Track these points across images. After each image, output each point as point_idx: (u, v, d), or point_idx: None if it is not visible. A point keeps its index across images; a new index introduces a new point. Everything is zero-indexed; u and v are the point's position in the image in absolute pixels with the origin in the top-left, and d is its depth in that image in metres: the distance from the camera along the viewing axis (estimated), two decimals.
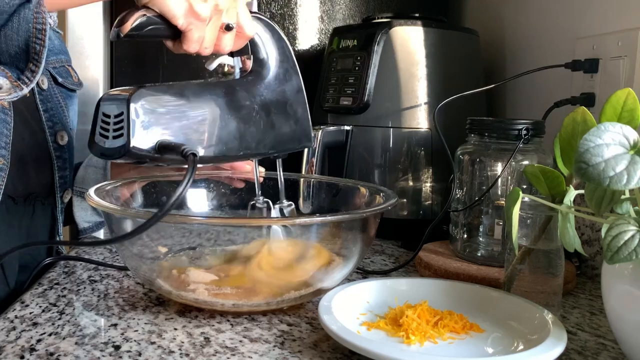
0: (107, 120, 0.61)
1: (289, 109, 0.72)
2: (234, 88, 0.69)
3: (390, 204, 0.69)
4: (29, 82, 0.63)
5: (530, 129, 0.78)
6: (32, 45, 0.62)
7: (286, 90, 0.72)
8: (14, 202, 0.77)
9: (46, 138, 0.82)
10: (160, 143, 0.61)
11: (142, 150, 0.60)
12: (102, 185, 0.73)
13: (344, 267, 0.69)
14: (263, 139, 0.70)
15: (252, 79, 0.70)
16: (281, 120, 0.71)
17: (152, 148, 0.61)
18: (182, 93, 0.64)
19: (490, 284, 0.73)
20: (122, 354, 0.55)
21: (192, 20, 0.62)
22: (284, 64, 0.72)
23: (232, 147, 0.67)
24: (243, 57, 0.71)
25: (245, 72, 0.71)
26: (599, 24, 0.90)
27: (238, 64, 0.71)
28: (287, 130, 0.72)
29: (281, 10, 1.22)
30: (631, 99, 0.55)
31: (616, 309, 0.52)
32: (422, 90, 1.01)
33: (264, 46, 0.71)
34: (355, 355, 0.56)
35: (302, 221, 0.66)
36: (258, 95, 0.70)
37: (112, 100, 0.61)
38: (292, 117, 0.72)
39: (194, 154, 0.58)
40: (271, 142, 0.71)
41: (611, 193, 0.51)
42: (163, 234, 0.71)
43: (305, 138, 0.74)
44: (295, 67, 0.73)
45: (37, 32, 0.61)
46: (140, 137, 0.60)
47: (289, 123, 0.72)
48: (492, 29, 1.21)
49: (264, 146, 0.70)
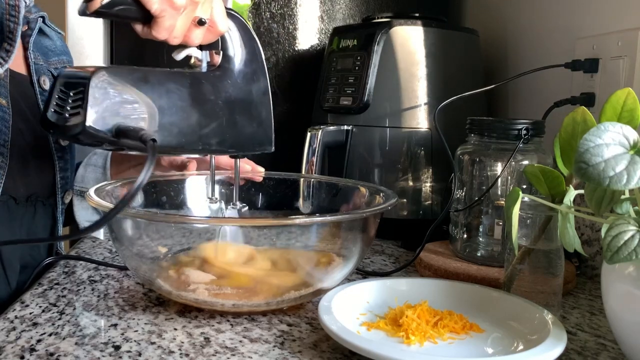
0: (64, 97, 0.59)
1: (253, 109, 0.71)
2: (200, 81, 0.67)
3: (390, 204, 0.69)
4: (3, 62, 0.62)
5: (530, 129, 0.78)
6: (6, 23, 0.60)
7: (252, 90, 0.71)
8: (15, 202, 0.77)
9: (48, 139, 0.83)
10: (118, 126, 0.59)
11: (98, 132, 0.58)
12: (102, 185, 0.73)
13: (344, 267, 0.69)
14: (223, 137, 0.68)
15: (218, 74, 0.69)
16: (244, 120, 0.70)
17: (109, 130, 0.59)
18: (146, 78, 0.63)
19: (490, 284, 0.73)
20: (122, 354, 0.55)
21: (166, 7, 0.60)
22: (252, 64, 0.71)
23: (191, 140, 0.66)
24: (212, 52, 0.69)
25: (212, 66, 0.70)
26: (599, 24, 0.90)
27: (206, 57, 0.69)
28: (249, 131, 0.70)
29: (281, 10, 1.22)
30: (631, 99, 0.55)
31: (616, 309, 0.52)
32: (422, 90, 1.01)
33: (233, 43, 0.70)
34: (355, 356, 0.56)
35: (302, 221, 0.66)
36: (223, 92, 0.68)
37: (73, 77, 0.59)
38: (256, 118, 0.71)
39: (153, 139, 0.56)
40: (231, 141, 0.69)
41: (611, 193, 0.51)
42: (163, 234, 0.71)
43: (267, 141, 0.72)
44: (263, 69, 0.72)
45: (10, 8, 0.60)
46: (98, 118, 0.58)
47: (251, 124, 0.70)
48: (492, 29, 1.21)
49: (224, 144, 0.68)
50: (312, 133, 0.97)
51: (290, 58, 1.23)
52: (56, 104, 0.60)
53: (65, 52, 0.93)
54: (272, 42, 1.22)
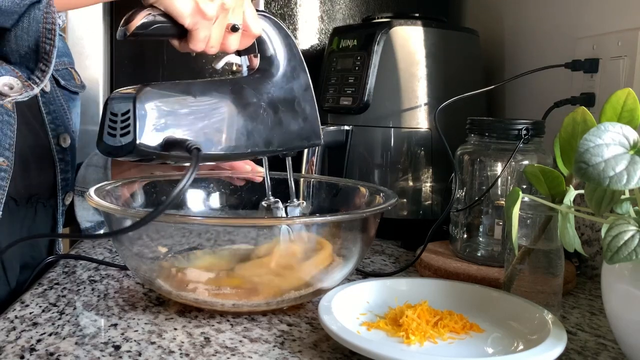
0: (115, 119, 0.61)
1: (297, 106, 0.72)
2: (241, 86, 0.68)
3: (390, 204, 0.69)
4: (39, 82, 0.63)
5: (530, 129, 0.78)
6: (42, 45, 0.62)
7: (294, 87, 0.72)
8: (16, 203, 0.77)
9: (49, 140, 0.83)
10: (167, 139, 0.61)
11: (149, 147, 0.60)
12: (102, 185, 0.73)
13: (344, 267, 0.69)
14: (271, 137, 0.69)
15: (259, 77, 0.70)
16: (289, 118, 0.71)
17: (158, 145, 0.61)
18: (189, 91, 0.64)
19: (490, 284, 0.73)
20: (122, 354, 0.55)
21: (198, 19, 0.62)
22: (291, 62, 0.72)
23: (239, 145, 0.67)
24: (250, 56, 0.71)
25: (252, 70, 0.71)
26: (599, 24, 0.90)
27: (245, 62, 0.71)
28: (295, 127, 0.72)
29: (281, 10, 1.22)
30: (631, 99, 0.55)
31: (616, 309, 0.52)
32: (422, 90, 1.01)
33: (271, 44, 0.71)
34: (355, 355, 0.56)
35: (302, 221, 0.66)
36: (265, 93, 0.70)
37: (119, 99, 0.62)
38: (301, 114, 0.72)
39: (197, 148, 0.58)
40: (279, 140, 0.70)
41: (611, 193, 0.51)
42: (163, 234, 0.71)
43: (315, 136, 0.74)
44: (302, 65, 0.73)
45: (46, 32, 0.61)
46: (147, 134, 0.60)
47: (297, 121, 0.72)
48: (492, 29, 1.21)
49: (272, 144, 0.70)
50: None
51: None
52: (109, 127, 0.62)
53: (66, 53, 0.93)
54: None
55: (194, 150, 0.58)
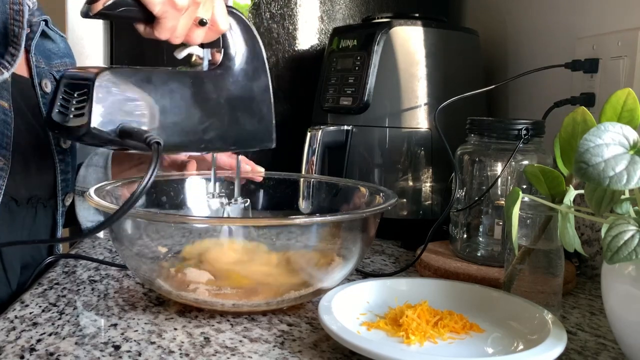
0: (68, 98, 0.59)
1: (254, 106, 0.71)
2: (202, 80, 0.68)
3: (390, 204, 0.69)
4: (9, 67, 0.62)
5: (530, 129, 0.78)
6: (11, 27, 0.61)
7: (253, 87, 0.71)
8: (16, 204, 0.77)
9: (49, 141, 0.83)
10: (122, 127, 0.60)
11: (102, 132, 0.59)
12: (102, 185, 0.73)
13: (344, 267, 0.69)
14: (225, 134, 0.69)
15: (220, 73, 0.69)
16: (245, 117, 0.70)
17: (112, 131, 0.59)
18: (149, 79, 0.63)
19: (490, 284, 0.73)
20: (122, 354, 0.55)
21: (168, 8, 0.60)
22: (253, 62, 0.71)
23: (194, 139, 0.66)
24: (213, 50, 0.70)
25: (213, 65, 0.70)
26: (599, 24, 0.90)
27: (207, 55, 0.70)
28: (250, 128, 0.71)
29: (281, 10, 1.22)
30: (631, 99, 0.55)
31: (616, 309, 0.52)
32: (422, 90, 1.01)
33: (234, 41, 0.70)
34: (355, 355, 0.56)
35: (302, 221, 0.66)
36: (224, 90, 0.69)
37: (77, 77, 0.60)
38: (257, 115, 0.72)
39: (158, 142, 0.57)
40: (233, 138, 0.70)
41: (611, 193, 0.51)
42: (163, 234, 0.71)
43: (267, 138, 0.73)
44: (264, 66, 0.72)
45: (14, 13, 0.60)
46: (102, 118, 0.58)
47: (252, 121, 0.71)
48: (492, 28, 1.21)
49: (226, 141, 0.69)
50: (312, 133, 0.97)
51: (290, 58, 1.23)
52: (60, 105, 0.60)
53: (68, 54, 0.93)
54: (272, 42, 1.22)
55: (154, 145, 0.56)
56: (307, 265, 0.70)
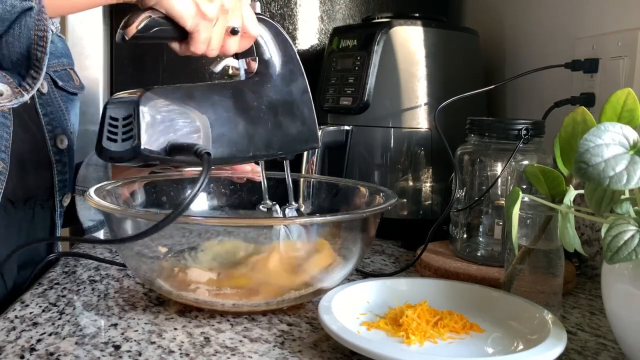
0: (115, 124, 0.60)
1: (295, 109, 0.72)
2: (241, 89, 0.68)
3: (391, 204, 0.69)
4: (29, 89, 0.63)
5: (530, 129, 0.78)
6: (34, 52, 0.62)
7: (292, 90, 0.72)
8: (13, 205, 0.77)
9: (46, 142, 0.82)
10: (171, 144, 0.60)
11: (152, 152, 0.60)
12: (103, 185, 0.73)
13: (344, 267, 0.69)
14: (271, 140, 0.69)
15: (258, 80, 0.70)
16: (288, 121, 0.71)
17: (162, 149, 0.60)
18: (190, 94, 0.64)
19: (490, 284, 0.73)
20: (122, 353, 0.55)
21: (199, 20, 0.62)
22: (288, 65, 0.72)
23: (241, 149, 0.67)
24: (248, 59, 0.71)
25: (250, 73, 0.71)
26: (599, 24, 0.90)
27: (243, 65, 0.71)
28: (294, 131, 0.72)
29: (281, 10, 1.21)
30: (631, 99, 0.55)
31: (616, 309, 0.52)
32: (422, 90, 1.01)
33: (267, 47, 0.71)
34: (355, 355, 0.56)
35: (302, 221, 0.66)
36: (265, 96, 0.69)
37: (119, 103, 0.61)
38: (299, 117, 0.72)
39: (208, 153, 0.58)
40: (279, 143, 0.70)
41: (611, 193, 0.51)
42: (163, 234, 0.71)
43: (312, 138, 0.74)
44: (300, 68, 0.73)
45: (38, 39, 0.61)
46: (150, 139, 0.59)
47: (295, 124, 0.72)
48: (492, 29, 1.21)
49: (272, 147, 0.70)
50: None
51: None
52: (108, 131, 0.61)
53: (65, 54, 0.92)
54: None
55: (204, 155, 0.57)
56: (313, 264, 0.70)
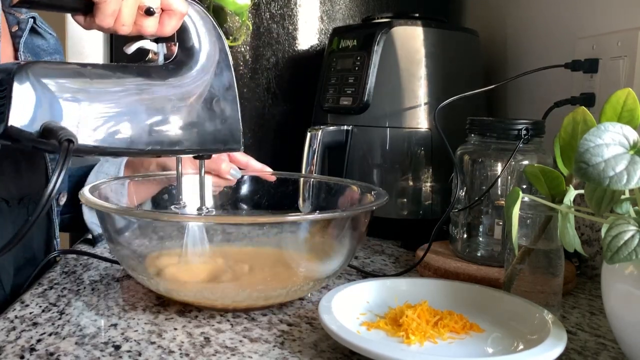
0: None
1: (215, 106, 0.65)
2: (149, 75, 0.62)
3: (379, 203, 0.69)
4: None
5: (530, 129, 0.78)
6: None
7: (214, 84, 0.65)
8: (7, 205, 0.76)
9: None
10: (46, 126, 0.53)
11: (22, 132, 0.53)
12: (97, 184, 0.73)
13: (334, 261, 0.69)
14: (179, 136, 0.63)
15: (173, 68, 0.64)
16: (204, 118, 0.64)
17: (35, 131, 0.53)
18: (83, 73, 0.58)
19: (490, 284, 0.73)
20: (122, 353, 0.55)
21: None
22: (214, 56, 0.66)
23: (138, 141, 0.60)
24: (169, 44, 0.65)
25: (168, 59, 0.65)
26: (599, 24, 0.90)
27: (162, 50, 0.65)
28: (210, 129, 0.65)
29: (281, 10, 1.21)
30: (631, 99, 0.55)
31: (616, 309, 0.52)
32: (422, 90, 1.01)
33: (193, 34, 0.65)
34: (355, 355, 0.56)
35: (294, 219, 0.66)
36: (178, 87, 0.63)
37: None
38: (219, 115, 0.66)
39: (70, 140, 0.51)
40: (189, 140, 0.64)
41: (611, 193, 0.51)
42: (162, 235, 0.71)
43: (232, 140, 0.67)
44: (227, 61, 0.67)
45: None
46: (21, 116, 0.53)
47: (214, 122, 0.65)
48: (492, 29, 1.21)
49: (180, 144, 0.63)
50: (312, 133, 0.97)
51: (290, 58, 1.23)
52: None
53: (58, 50, 0.92)
54: (272, 42, 1.22)
55: (64, 142, 0.51)
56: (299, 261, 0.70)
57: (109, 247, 0.85)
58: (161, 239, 0.70)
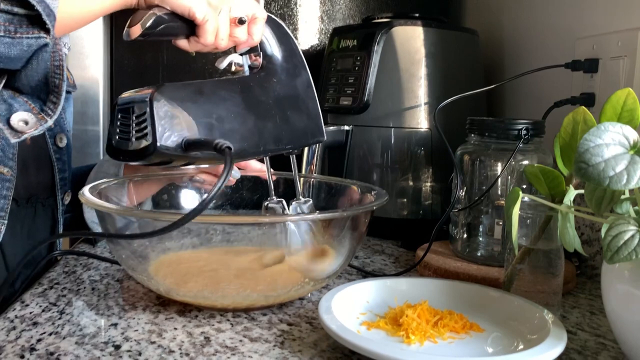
0: (127, 122, 0.60)
1: (300, 104, 0.72)
2: (249, 84, 0.68)
3: (379, 203, 0.69)
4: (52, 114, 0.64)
5: (530, 129, 0.78)
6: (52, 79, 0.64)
7: (297, 85, 0.72)
8: (16, 204, 0.77)
9: (46, 141, 0.83)
10: (187, 140, 0.60)
11: (169, 149, 0.59)
12: (97, 184, 0.73)
13: (335, 261, 0.69)
14: (279, 135, 0.69)
15: (264, 75, 0.70)
16: (295, 116, 0.71)
17: (178, 146, 0.60)
18: (200, 90, 0.64)
19: (490, 284, 0.73)
20: (122, 353, 0.55)
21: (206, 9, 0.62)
22: (292, 60, 0.72)
23: (252, 144, 0.66)
24: (252, 55, 0.71)
25: (254, 69, 0.71)
26: (599, 24, 0.90)
27: (247, 62, 0.71)
28: (300, 125, 0.71)
29: (281, 10, 1.21)
30: (631, 99, 0.55)
31: (616, 309, 0.52)
32: (422, 90, 1.01)
33: (270, 43, 0.71)
34: (355, 355, 0.56)
35: (292, 219, 0.66)
36: (271, 91, 0.70)
37: (131, 101, 0.60)
38: (304, 111, 0.72)
39: (229, 147, 0.57)
40: (287, 138, 0.70)
41: (611, 193, 0.51)
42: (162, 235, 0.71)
43: (318, 132, 0.74)
44: (303, 63, 0.73)
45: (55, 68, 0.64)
46: (165, 135, 0.59)
47: (302, 118, 0.72)
48: (492, 29, 1.21)
49: (281, 142, 0.69)
50: None
51: None
52: (120, 131, 0.60)
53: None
54: None
55: (226, 150, 0.57)
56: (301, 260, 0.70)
57: (109, 247, 0.85)
58: (161, 239, 0.70)
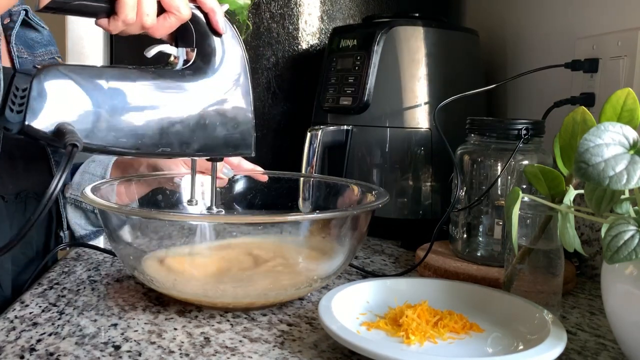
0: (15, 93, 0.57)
1: (228, 112, 0.66)
2: (165, 79, 0.63)
3: (381, 203, 0.69)
4: None
5: (530, 129, 0.78)
6: None
7: (230, 91, 0.66)
8: (3, 200, 0.76)
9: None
10: (59, 126, 0.56)
11: (37, 131, 0.56)
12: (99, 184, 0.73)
13: (336, 260, 0.69)
14: (189, 139, 0.64)
15: (190, 73, 0.65)
16: (216, 122, 0.65)
17: (49, 131, 0.56)
18: (100, 75, 0.59)
19: (490, 284, 0.73)
20: (122, 354, 0.55)
21: None
22: (232, 63, 0.67)
23: (148, 143, 0.62)
24: (188, 50, 0.65)
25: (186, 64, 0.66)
26: (599, 24, 0.90)
27: (183, 55, 0.65)
28: (222, 133, 0.66)
29: (281, 10, 1.21)
30: (631, 98, 0.55)
31: (616, 309, 0.52)
32: (422, 90, 1.01)
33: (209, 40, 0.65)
34: (355, 355, 0.56)
35: (293, 219, 0.66)
36: (192, 92, 0.64)
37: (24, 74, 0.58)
38: (231, 121, 0.67)
39: (74, 144, 0.54)
40: (199, 144, 0.65)
41: (611, 193, 0.51)
42: (162, 235, 0.71)
43: (244, 145, 0.68)
44: (245, 69, 0.67)
45: None
46: (37, 116, 0.56)
47: (225, 127, 0.66)
48: (492, 29, 1.21)
49: (190, 146, 0.64)
50: (312, 133, 0.97)
51: (290, 58, 1.23)
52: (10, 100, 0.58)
53: (52, 42, 0.91)
54: (272, 42, 1.22)
55: (68, 147, 0.53)
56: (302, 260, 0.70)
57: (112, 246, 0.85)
58: (161, 239, 0.70)
